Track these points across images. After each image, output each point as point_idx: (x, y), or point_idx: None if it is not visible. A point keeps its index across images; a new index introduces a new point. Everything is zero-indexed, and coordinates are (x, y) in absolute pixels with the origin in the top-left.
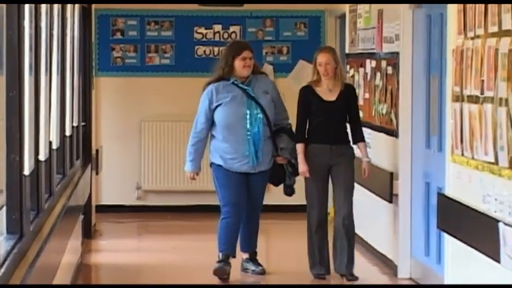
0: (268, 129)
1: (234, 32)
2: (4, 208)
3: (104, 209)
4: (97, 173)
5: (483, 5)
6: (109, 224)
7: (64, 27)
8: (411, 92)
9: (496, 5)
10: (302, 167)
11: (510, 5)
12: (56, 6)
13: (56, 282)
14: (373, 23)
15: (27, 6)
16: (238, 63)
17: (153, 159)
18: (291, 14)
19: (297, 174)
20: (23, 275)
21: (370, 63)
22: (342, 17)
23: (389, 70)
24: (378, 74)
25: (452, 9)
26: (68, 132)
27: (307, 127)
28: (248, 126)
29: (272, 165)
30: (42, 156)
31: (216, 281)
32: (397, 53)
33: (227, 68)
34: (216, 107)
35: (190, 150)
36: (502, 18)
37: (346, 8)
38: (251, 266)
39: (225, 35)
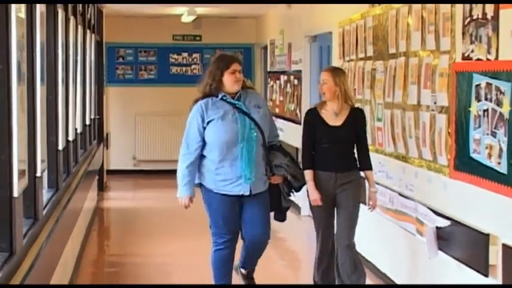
0: (263, 146)
1: (195, 57)
2: (46, 171)
3: (111, 172)
4: (107, 148)
5: (355, 40)
6: (115, 181)
7: (85, 54)
8: (309, 96)
9: (364, 39)
10: (313, 194)
11: (372, 38)
12: (79, 40)
13: (79, 220)
14: (285, 52)
15: (60, 40)
16: (227, 78)
17: (144, 139)
18: (232, 45)
19: (296, 190)
20: (59, 215)
21: (283, 77)
22: (265, 48)
23: (296, 82)
24: (288, 84)
25: (336, 42)
26: (87, 122)
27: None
28: (242, 143)
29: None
30: (70, 137)
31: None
32: (300, 71)
33: (215, 84)
34: (207, 123)
35: (184, 172)
36: (367, 48)
37: (267, 42)
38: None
39: (190, 59)
